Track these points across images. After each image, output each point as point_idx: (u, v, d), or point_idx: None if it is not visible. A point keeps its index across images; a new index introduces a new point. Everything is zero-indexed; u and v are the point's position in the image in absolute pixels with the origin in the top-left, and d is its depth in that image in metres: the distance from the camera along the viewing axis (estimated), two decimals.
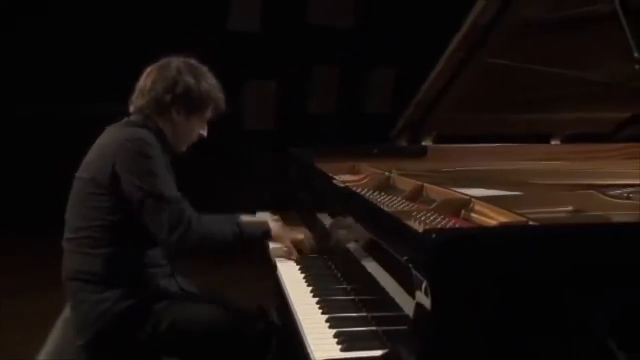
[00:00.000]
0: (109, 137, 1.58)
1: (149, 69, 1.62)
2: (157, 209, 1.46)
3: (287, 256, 1.67)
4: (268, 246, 1.73)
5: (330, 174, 1.84)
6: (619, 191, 1.59)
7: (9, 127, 5.25)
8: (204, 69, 1.65)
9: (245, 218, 1.79)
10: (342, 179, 1.85)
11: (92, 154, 1.58)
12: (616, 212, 1.42)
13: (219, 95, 1.65)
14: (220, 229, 1.56)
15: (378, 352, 1.06)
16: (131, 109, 1.63)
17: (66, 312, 1.69)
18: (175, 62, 1.61)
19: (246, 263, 2.06)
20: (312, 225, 1.84)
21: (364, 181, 1.87)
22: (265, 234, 1.65)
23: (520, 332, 0.99)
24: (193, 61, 1.64)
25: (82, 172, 1.57)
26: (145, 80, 1.60)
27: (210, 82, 1.63)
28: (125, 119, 1.63)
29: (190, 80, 1.58)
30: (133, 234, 1.52)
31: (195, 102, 1.60)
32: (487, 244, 1.02)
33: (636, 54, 1.23)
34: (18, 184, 4.93)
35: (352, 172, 2.07)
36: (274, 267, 1.66)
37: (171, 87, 1.57)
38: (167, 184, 1.51)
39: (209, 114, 1.66)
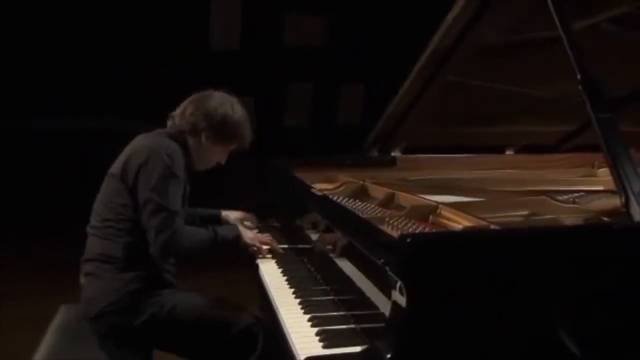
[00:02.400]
0: (143, 142, 1.65)
1: (192, 97, 1.72)
2: (152, 214, 1.54)
3: (258, 249, 1.76)
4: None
5: (308, 183, 1.85)
6: (566, 196, 1.66)
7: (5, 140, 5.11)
8: (239, 106, 1.73)
9: (224, 212, 1.95)
10: (320, 187, 1.86)
11: (124, 155, 1.64)
12: (565, 215, 1.47)
13: (247, 134, 1.74)
14: (199, 236, 1.65)
15: (358, 348, 1.07)
16: (169, 122, 1.71)
17: (59, 316, 1.68)
18: (218, 96, 1.71)
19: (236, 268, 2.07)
20: (292, 232, 1.84)
21: (340, 189, 1.88)
22: (237, 238, 1.74)
23: (488, 326, 1.01)
24: (234, 98, 1.73)
25: (113, 170, 1.64)
26: (188, 105, 1.70)
27: (242, 121, 1.72)
28: (159, 129, 1.71)
29: (226, 114, 1.68)
30: None
31: (225, 133, 1.70)
32: (455, 246, 1.04)
33: (579, 76, 1.29)
34: (19, 190, 4.79)
35: (329, 181, 2.08)
36: (253, 261, 1.73)
37: (209, 117, 1.66)
38: (174, 197, 1.57)
39: (232, 146, 1.75)
